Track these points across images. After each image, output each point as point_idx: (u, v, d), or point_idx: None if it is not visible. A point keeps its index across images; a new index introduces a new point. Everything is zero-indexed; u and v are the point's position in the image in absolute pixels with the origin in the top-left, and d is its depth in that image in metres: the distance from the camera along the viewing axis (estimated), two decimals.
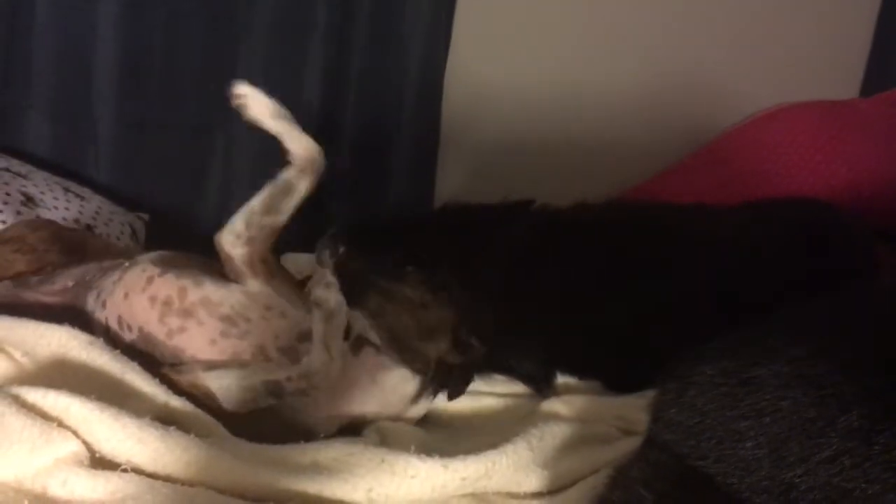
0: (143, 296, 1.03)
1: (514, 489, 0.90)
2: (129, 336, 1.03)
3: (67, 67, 1.69)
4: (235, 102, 1.03)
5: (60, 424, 0.82)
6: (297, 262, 1.52)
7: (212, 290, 1.03)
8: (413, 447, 0.89)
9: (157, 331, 1.01)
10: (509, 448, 0.91)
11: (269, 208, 1.03)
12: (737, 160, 1.87)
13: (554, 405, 1.09)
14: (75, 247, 1.16)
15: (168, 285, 1.03)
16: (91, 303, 1.08)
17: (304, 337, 1.00)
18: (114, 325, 1.04)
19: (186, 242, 1.56)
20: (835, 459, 0.64)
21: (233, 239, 1.03)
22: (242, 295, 1.03)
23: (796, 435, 0.67)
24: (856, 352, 0.73)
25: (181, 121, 1.77)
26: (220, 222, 1.76)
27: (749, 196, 1.53)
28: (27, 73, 1.67)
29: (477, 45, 1.92)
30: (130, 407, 0.86)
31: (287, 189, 1.03)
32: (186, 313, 1.00)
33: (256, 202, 1.03)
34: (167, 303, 1.01)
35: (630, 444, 0.88)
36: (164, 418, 0.88)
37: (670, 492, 0.69)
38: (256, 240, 1.03)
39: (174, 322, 1.00)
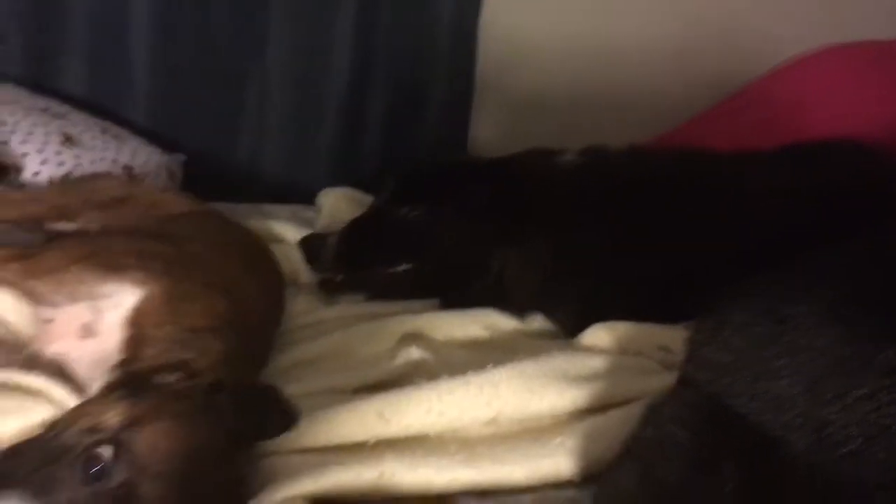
0: None
1: (529, 408, 0.90)
2: None
3: (104, 11, 1.69)
4: None
5: None
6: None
7: None
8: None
9: None
10: (514, 363, 0.93)
11: None
12: (777, 102, 1.82)
13: (598, 332, 1.09)
14: None
15: None
16: None
17: None
18: None
19: (220, 184, 1.60)
20: (872, 396, 0.63)
21: None
22: None
23: (832, 373, 0.67)
24: (891, 291, 0.73)
25: (215, 66, 1.77)
26: (253, 165, 1.80)
27: (789, 139, 1.49)
28: (64, 17, 1.68)
29: None
30: None
31: None
32: None
33: None
34: None
35: (666, 380, 0.88)
36: None
37: (703, 429, 0.69)
38: None
39: None
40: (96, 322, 0.87)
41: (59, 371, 0.85)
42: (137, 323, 0.85)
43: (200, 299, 0.90)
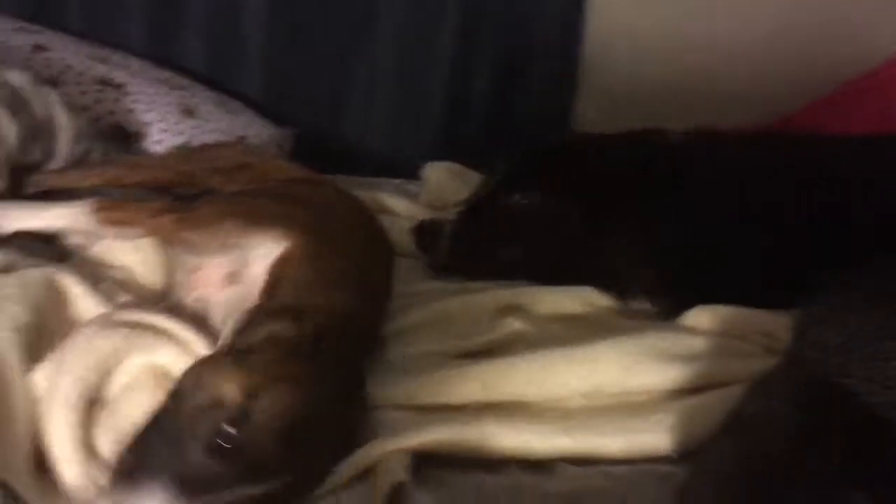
0: None
1: (625, 384, 0.91)
2: None
3: None
4: None
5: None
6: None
7: None
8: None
9: None
10: (612, 340, 0.94)
11: None
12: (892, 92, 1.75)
13: (701, 315, 1.08)
14: None
15: None
16: None
17: None
18: None
19: (327, 157, 1.64)
20: None
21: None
22: None
23: None
24: None
25: (326, 42, 1.82)
26: (359, 139, 1.85)
27: None
28: None
29: None
30: None
31: None
32: None
33: None
34: None
35: (769, 364, 0.86)
36: None
37: (811, 406, 0.68)
38: None
39: None
40: (240, 271, 0.94)
41: (197, 316, 0.91)
42: (276, 273, 0.91)
43: (332, 258, 0.95)
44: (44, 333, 0.84)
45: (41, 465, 0.74)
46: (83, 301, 0.91)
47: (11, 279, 0.88)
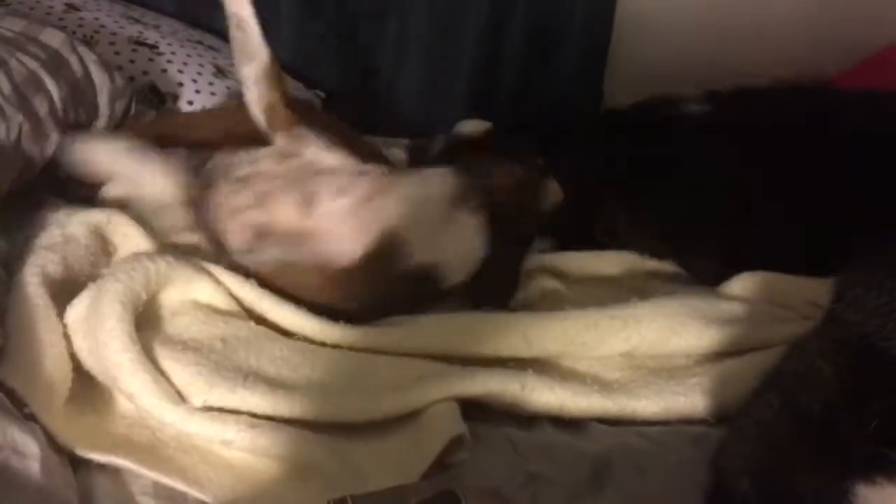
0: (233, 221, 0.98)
1: (667, 346, 0.91)
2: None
3: None
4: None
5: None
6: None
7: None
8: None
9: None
10: (655, 301, 0.94)
11: (246, 57, 1.01)
12: None
13: (745, 281, 1.06)
14: None
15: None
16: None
17: None
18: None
19: (358, 117, 1.64)
20: None
21: (255, 101, 1.02)
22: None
23: None
24: None
25: (359, 3, 1.81)
26: (390, 100, 1.84)
27: None
28: None
29: None
30: None
31: (237, 24, 1.02)
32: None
33: (237, 67, 1.03)
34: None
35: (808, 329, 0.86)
36: None
37: (850, 365, 0.67)
38: (264, 96, 1.01)
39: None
40: None
41: None
42: None
43: None
44: (75, 284, 0.85)
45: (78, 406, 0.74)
46: (133, 240, 0.93)
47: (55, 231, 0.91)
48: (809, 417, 0.65)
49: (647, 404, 0.83)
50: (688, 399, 0.83)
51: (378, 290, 0.95)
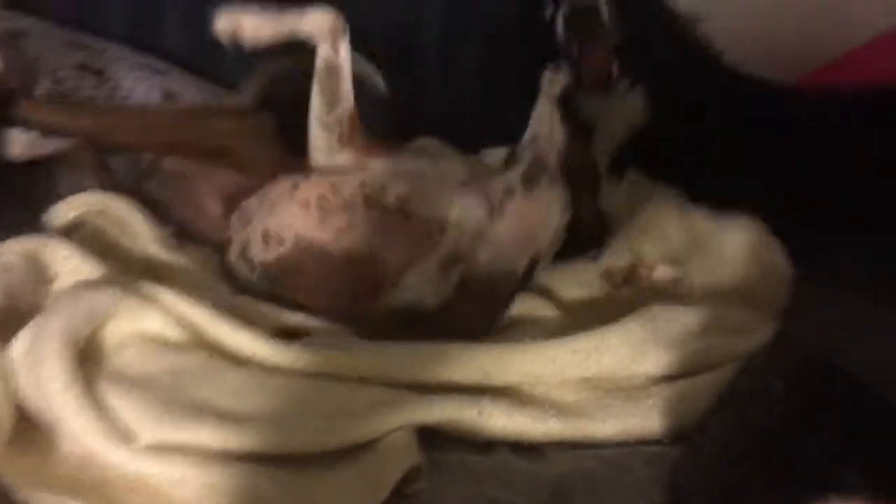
0: (291, 203, 0.97)
1: (627, 371, 0.90)
2: (277, 251, 0.97)
3: None
4: (228, 37, 0.98)
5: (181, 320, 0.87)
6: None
7: (361, 174, 0.96)
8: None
9: (320, 234, 0.95)
10: (621, 326, 0.92)
11: (330, 102, 0.99)
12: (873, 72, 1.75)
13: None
14: None
15: (317, 185, 0.97)
16: (234, 221, 1.05)
17: (466, 183, 1.00)
18: (256, 243, 0.99)
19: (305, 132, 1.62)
20: None
21: (323, 154, 0.99)
22: (388, 169, 0.97)
23: None
24: None
25: None
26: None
27: None
28: None
29: None
30: None
31: (331, 70, 0.98)
32: (348, 207, 0.94)
33: (316, 104, 0.99)
34: (323, 202, 0.95)
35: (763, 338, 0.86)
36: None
37: (802, 382, 0.68)
38: (344, 138, 0.99)
39: (338, 220, 0.95)
40: None
41: None
42: None
43: None
44: (17, 315, 0.82)
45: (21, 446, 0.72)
46: (76, 266, 0.90)
47: None
48: (763, 435, 0.65)
49: (605, 427, 0.82)
50: (644, 420, 0.83)
51: None
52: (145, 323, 0.84)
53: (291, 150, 1.31)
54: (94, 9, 1.68)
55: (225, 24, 0.97)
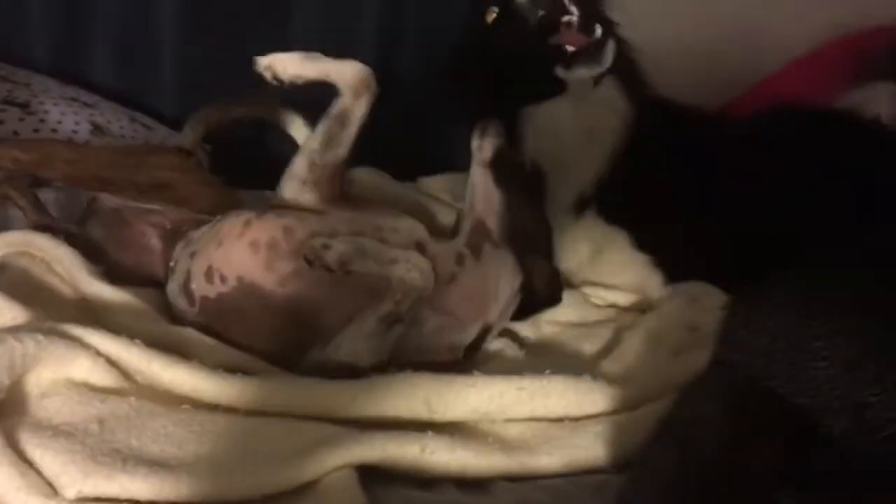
0: (240, 242, 0.93)
1: (575, 411, 0.90)
2: (218, 288, 0.94)
3: (131, 2, 1.70)
4: (269, 78, 1.02)
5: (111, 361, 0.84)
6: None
7: (316, 222, 0.95)
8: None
9: (265, 279, 0.92)
10: (571, 374, 0.92)
11: (329, 144, 0.99)
12: (790, 96, 1.81)
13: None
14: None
15: (269, 227, 0.94)
16: (178, 251, 1.02)
17: (421, 247, 0.99)
18: (198, 277, 0.96)
19: (248, 172, 1.60)
20: None
21: (297, 186, 0.99)
22: (345, 222, 0.96)
23: (871, 354, 0.67)
24: None
25: (241, 56, 1.76)
26: (280, 153, 1.80)
27: None
28: (91, 8, 1.69)
29: None
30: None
31: (343, 119, 1.00)
32: (297, 254, 0.91)
33: (315, 140, 0.99)
34: (272, 246, 0.92)
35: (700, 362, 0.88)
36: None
37: (739, 410, 0.69)
38: (322, 181, 0.99)
39: (284, 266, 0.92)
40: None
41: None
42: None
43: None
44: None
45: None
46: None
47: None
48: (703, 462, 0.65)
49: (550, 460, 0.82)
50: (590, 450, 0.83)
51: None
52: (71, 369, 0.81)
53: (230, 185, 1.31)
54: (19, 40, 1.64)
55: (265, 63, 1.03)
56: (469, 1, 1.57)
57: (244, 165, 1.67)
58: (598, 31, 1.22)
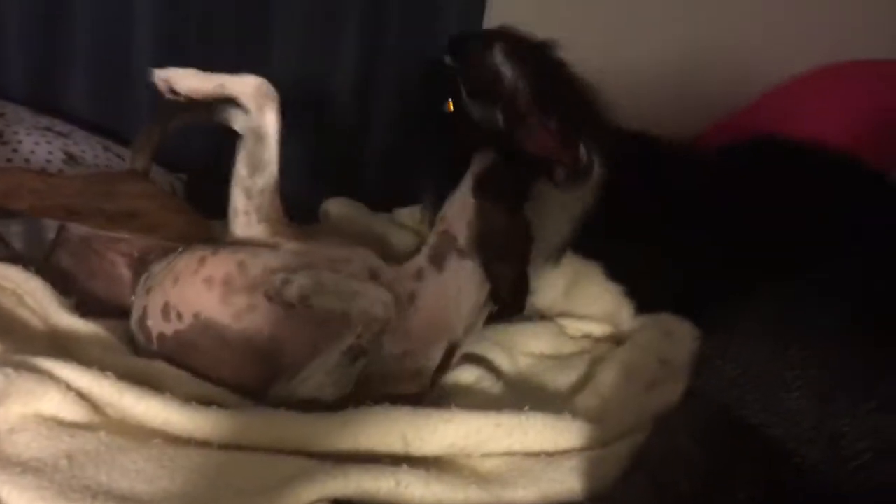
0: (195, 278, 0.93)
1: (552, 447, 0.89)
2: (175, 326, 0.93)
3: (108, 32, 1.70)
4: (164, 90, 1.03)
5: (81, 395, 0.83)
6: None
7: (270, 257, 0.95)
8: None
9: (221, 314, 0.91)
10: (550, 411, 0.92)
11: (254, 166, 0.99)
12: (772, 122, 1.84)
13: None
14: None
15: (224, 262, 0.93)
16: (140, 285, 1.02)
17: (375, 275, 0.98)
18: (155, 314, 0.95)
19: (223, 201, 1.60)
20: (884, 408, 0.64)
21: (243, 220, 0.99)
22: (298, 255, 0.96)
23: (843, 385, 0.67)
24: None
25: None
26: None
27: None
28: (67, 38, 1.69)
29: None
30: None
31: (258, 135, 0.99)
32: (252, 288, 0.91)
33: (239, 169, 0.99)
34: (227, 282, 0.92)
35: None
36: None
37: (713, 440, 0.69)
38: (264, 207, 0.99)
39: (240, 301, 0.91)
40: None
41: None
42: None
43: None
44: None
45: None
46: None
47: None
48: (677, 495, 0.65)
49: (525, 493, 0.81)
50: (565, 484, 0.82)
51: None
52: (41, 403, 0.80)
53: (201, 212, 1.30)
54: None
55: (161, 77, 1.02)
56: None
57: (219, 193, 1.68)
58: (583, 150, 1.10)
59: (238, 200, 1.00)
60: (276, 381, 0.91)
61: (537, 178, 1.11)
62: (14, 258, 1.07)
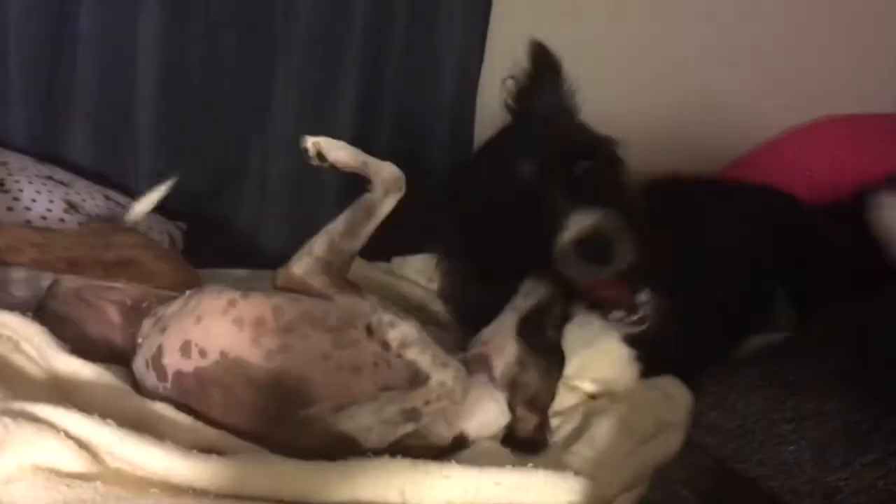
0: (223, 318, 0.95)
1: (541, 502, 0.88)
2: (197, 363, 0.94)
3: (109, 79, 1.71)
4: (312, 155, 1.08)
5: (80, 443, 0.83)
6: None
7: (311, 303, 0.98)
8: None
9: (250, 354, 0.93)
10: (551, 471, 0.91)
11: (351, 232, 1.05)
12: (771, 173, 1.86)
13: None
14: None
15: (257, 305, 0.96)
16: (146, 326, 1.03)
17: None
18: (172, 351, 0.96)
19: (222, 250, 1.61)
20: (880, 462, 0.64)
21: (310, 263, 1.03)
22: (343, 309, 0.99)
23: (839, 438, 0.68)
24: None
25: (218, 132, 1.79)
26: (254, 231, 1.81)
27: None
28: (70, 85, 1.71)
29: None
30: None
31: (370, 211, 1.05)
32: (285, 331, 0.94)
33: (339, 225, 1.05)
34: (259, 323, 0.95)
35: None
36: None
37: (711, 493, 0.69)
38: (334, 265, 1.03)
39: (271, 342, 0.94)
40: None
41: None
42: None
43: None
44: None
45: None
46: None
47: None
48: None
49: None
50: None
51: None
52: (38, 453, 0.80)
53: (201, 260, 1.31)
54: None
55: (311, 143, 1.08)
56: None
57: (218, 242, 1.69)
58: (644, 297, 1.05)
59: (318, 246, 1.04)
60: (306, 408, 0.92)
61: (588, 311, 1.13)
62: (13, 307, 1.07)
